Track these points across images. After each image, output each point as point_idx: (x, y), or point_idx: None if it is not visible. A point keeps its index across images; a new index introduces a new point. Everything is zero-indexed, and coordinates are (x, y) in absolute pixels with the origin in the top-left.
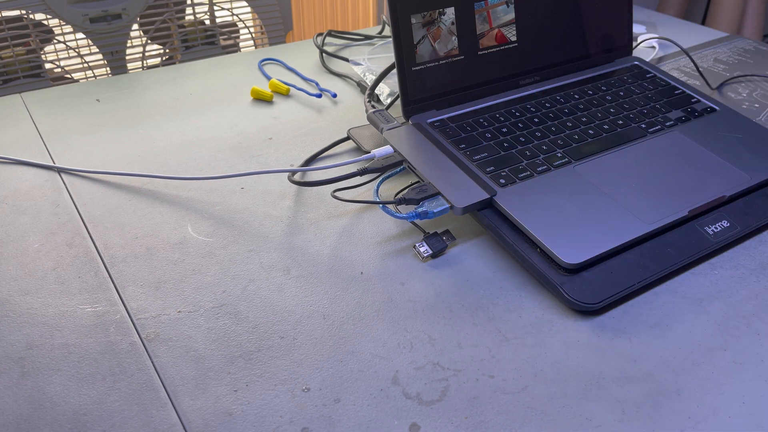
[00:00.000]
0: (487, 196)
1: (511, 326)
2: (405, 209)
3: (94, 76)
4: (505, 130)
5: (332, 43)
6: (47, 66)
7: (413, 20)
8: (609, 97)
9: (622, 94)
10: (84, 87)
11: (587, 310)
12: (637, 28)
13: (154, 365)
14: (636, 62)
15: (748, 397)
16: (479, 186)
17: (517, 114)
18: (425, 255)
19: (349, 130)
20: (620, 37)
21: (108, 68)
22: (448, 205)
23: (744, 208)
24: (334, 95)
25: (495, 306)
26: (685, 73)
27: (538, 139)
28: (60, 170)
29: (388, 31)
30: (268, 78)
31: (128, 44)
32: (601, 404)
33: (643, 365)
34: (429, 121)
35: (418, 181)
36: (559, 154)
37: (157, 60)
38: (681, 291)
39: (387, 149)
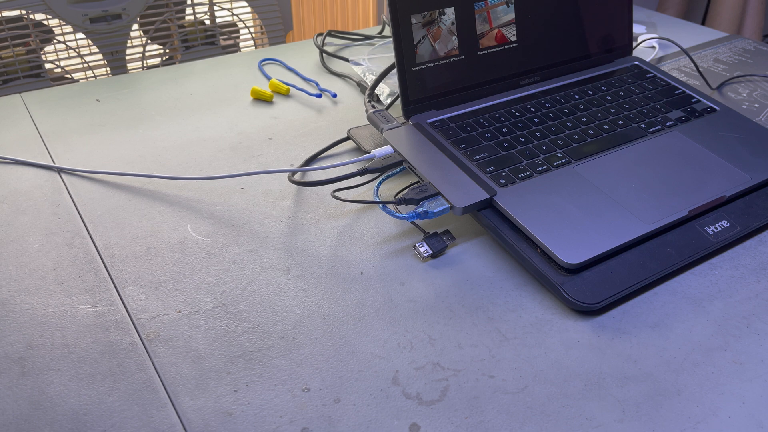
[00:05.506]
0: (487, 196)
1: (511, 326)
2: (405, 209)
3: (94, 76)
4: (505, 130)
5: (332, 43)
6: (47, 66)
7: (413, 20)
8: (609, 97)
9: (622, 94)
10: (84, 87)
11: (587, 310)
12: (637, 28)
13: (154, 365)
14: (636, 62)
15: (748, 397)
16: (479, 186)
17: (517, 114)
18: (425, 255)
19: (349, 130)
20: (620, 37)
21: (108, 68)
22: (448, 205)
23: (744, 208)
24: (334, 95)
25: (495, 306)
26: (685, 73)
27: (538, 139)
28: (60, 170)
29: (388, 31)
30: (268, 78)
31: (128, 44)
32: (601, 404)
33: (643, 365)
34: (429, 121)
35: (418, 181)
36: (559, 154)
37: (157, 60)
38: (681, 291)
39: (387, 149)
